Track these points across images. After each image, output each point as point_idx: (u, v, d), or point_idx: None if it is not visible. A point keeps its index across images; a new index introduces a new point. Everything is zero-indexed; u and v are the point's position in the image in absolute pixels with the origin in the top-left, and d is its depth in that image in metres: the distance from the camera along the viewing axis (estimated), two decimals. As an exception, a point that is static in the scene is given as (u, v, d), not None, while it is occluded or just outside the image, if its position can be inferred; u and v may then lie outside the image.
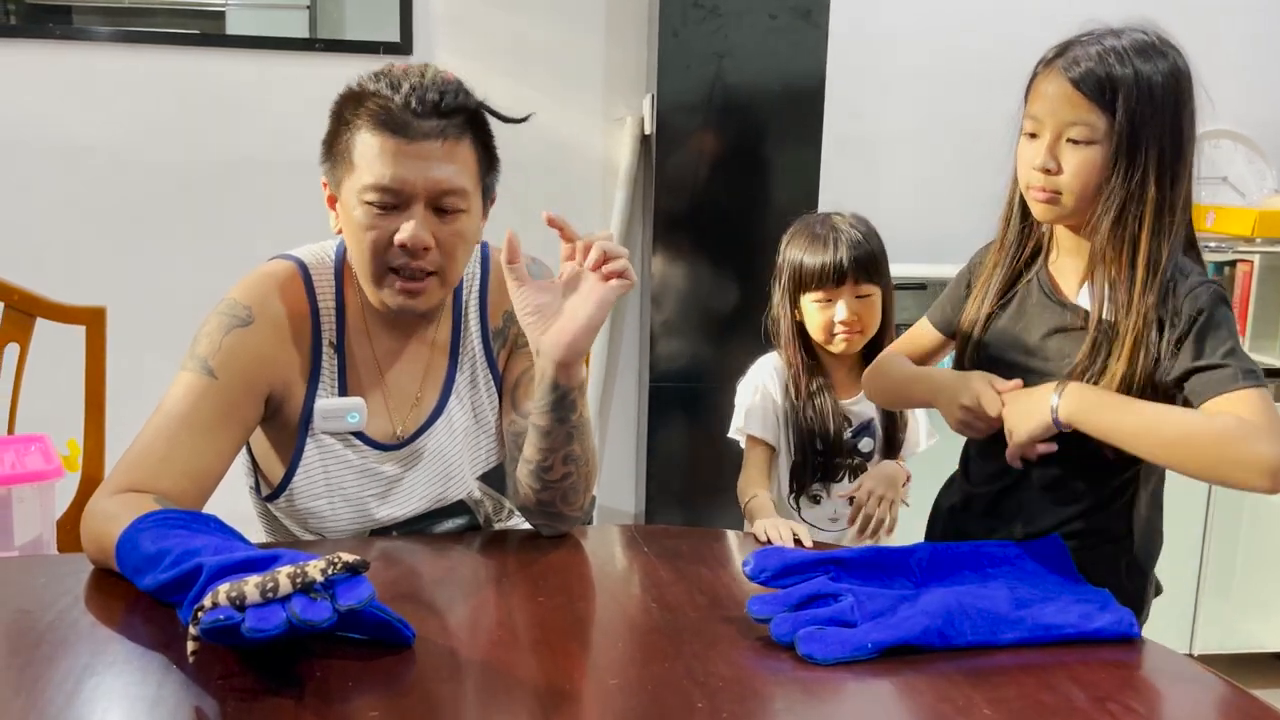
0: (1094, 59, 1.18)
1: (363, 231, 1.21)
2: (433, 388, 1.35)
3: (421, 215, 1.19)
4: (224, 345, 1.22)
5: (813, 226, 1.61)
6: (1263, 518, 2.44)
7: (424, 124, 1.18)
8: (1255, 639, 2.50)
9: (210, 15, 2.46)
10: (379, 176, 1.18)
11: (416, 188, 1.19)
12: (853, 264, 1.55)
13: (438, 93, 1.18)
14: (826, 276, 1.56)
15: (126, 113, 2.44)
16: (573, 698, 0.90)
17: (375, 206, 1.19)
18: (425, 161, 1.18)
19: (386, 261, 1.22)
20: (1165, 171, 1.19)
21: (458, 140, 1.20)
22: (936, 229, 2.63)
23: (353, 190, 1.21)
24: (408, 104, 1.17)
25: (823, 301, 1.58)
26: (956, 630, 1.00)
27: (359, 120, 1.20)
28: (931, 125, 2.67)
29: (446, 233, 1.21)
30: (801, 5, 2.30)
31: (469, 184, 1.22)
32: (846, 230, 1.58)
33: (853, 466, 1.63)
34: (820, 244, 1.57)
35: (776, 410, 1.62)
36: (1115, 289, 1.21)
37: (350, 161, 1.21)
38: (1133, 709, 0.90)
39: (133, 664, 0.93)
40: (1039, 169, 1.21)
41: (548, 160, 2.57)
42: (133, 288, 2.44)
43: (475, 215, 1.26)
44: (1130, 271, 1.20)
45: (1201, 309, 1.18)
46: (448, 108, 1.19)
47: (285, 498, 1.31)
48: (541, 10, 2.52)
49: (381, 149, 1.18)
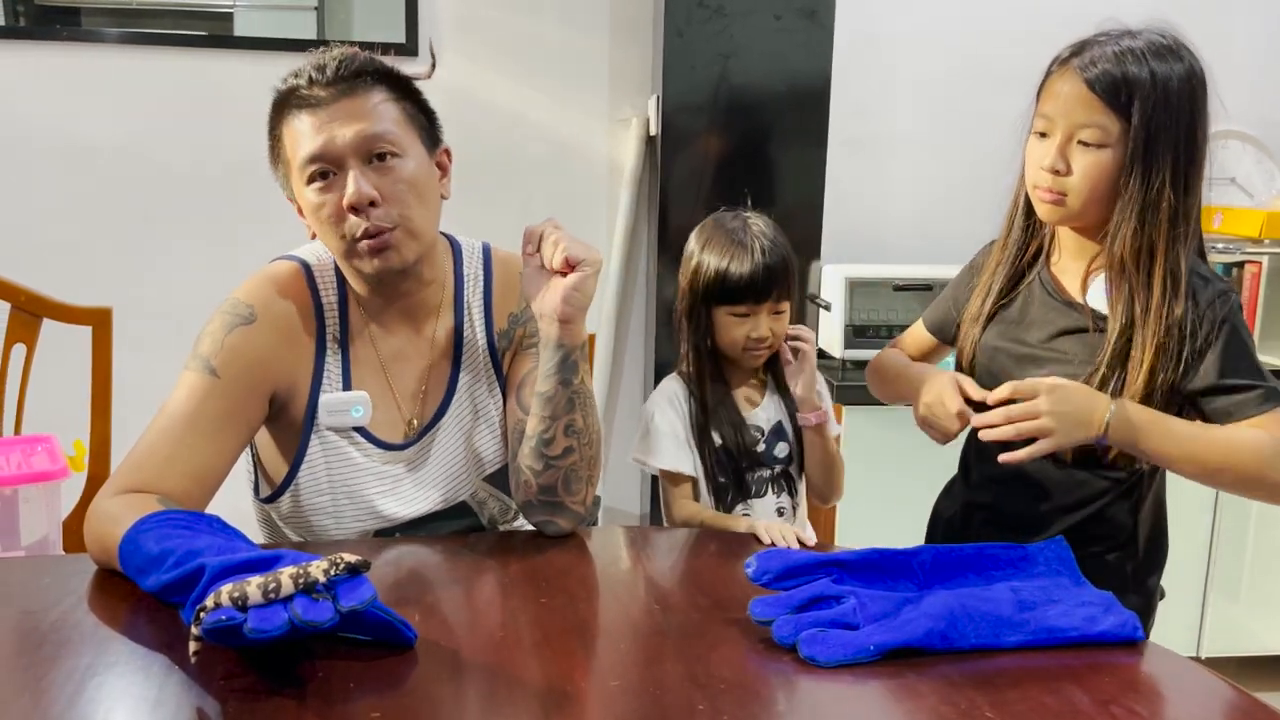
0: (1110, 60, 1.16)
1: (317, 211, 1.23)
2: (436, 387, 1.35)
3: (358, 170, 1.21)
4: (226, 344, 1.23)
5: (734, 233, 1.46)
6: (1270, 520, 2.43)
7: (330, 90, 1.22)
8: (1264, 642, 2.49)
9: (218, 17, 2.47)
10: (307, 151, 1.21)
11: (341, 147, 1.21)
12: (773, 280, 1.44)
13: (336, 61, 1.23)
14: (749, 292, 1.43)
15: (134, 114, 2.45)
16: (574, 699, 0.90)
17: (318, 181, 1.22)
18: (339, 121, 1.21)
19: (347, 232, 1.23)
20: (1180, 177, 1.18)
21: (367, 93, 1.23)
22: (942, 230, 2.62)
23: (297, 180, 1.24)
24: (311, 80, 1.22)
25: (740, 316, 1.45)
26: (959, 633, 1.00)
27: (281, 118, 1.25)
28: (937, 126, 2.66)
29: (388, 182, 1.22)
30: (807, 6, 2.29)
31: (394, 128, 1.23)
32: (768, 241, 1.45)
33: (774, 477, 1.52)
34: (745, 254, 1.44)
35: (687, 438, 1.49)
36: (1135, 297, 1.19)
37: (287, 158, 1.25)
38: (1136, 712, 0.90)
39: (135, 664, 0.93)
40: (1048, 169, 1.20)
41: (553, 161, 2.57)
42: (139, 289, 2.45)
43: (417, 159, 1.26)
44: (1148, 280, 1.18)
45: (1224, 319, 1.18)
46: (347, 70, 1.22)
47: (290, 495, 1.32)
48: (547, 11, 2.53)
49: (301, 130, 1.22)
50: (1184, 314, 1.18)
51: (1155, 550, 1.33)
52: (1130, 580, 1.30)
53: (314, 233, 1.29)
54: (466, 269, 1.38)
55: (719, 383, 1.51)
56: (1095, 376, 1.21)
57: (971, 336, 1.34)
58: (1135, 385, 1.18)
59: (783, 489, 1.53)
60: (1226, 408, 1.18)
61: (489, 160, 2.51)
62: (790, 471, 1.54)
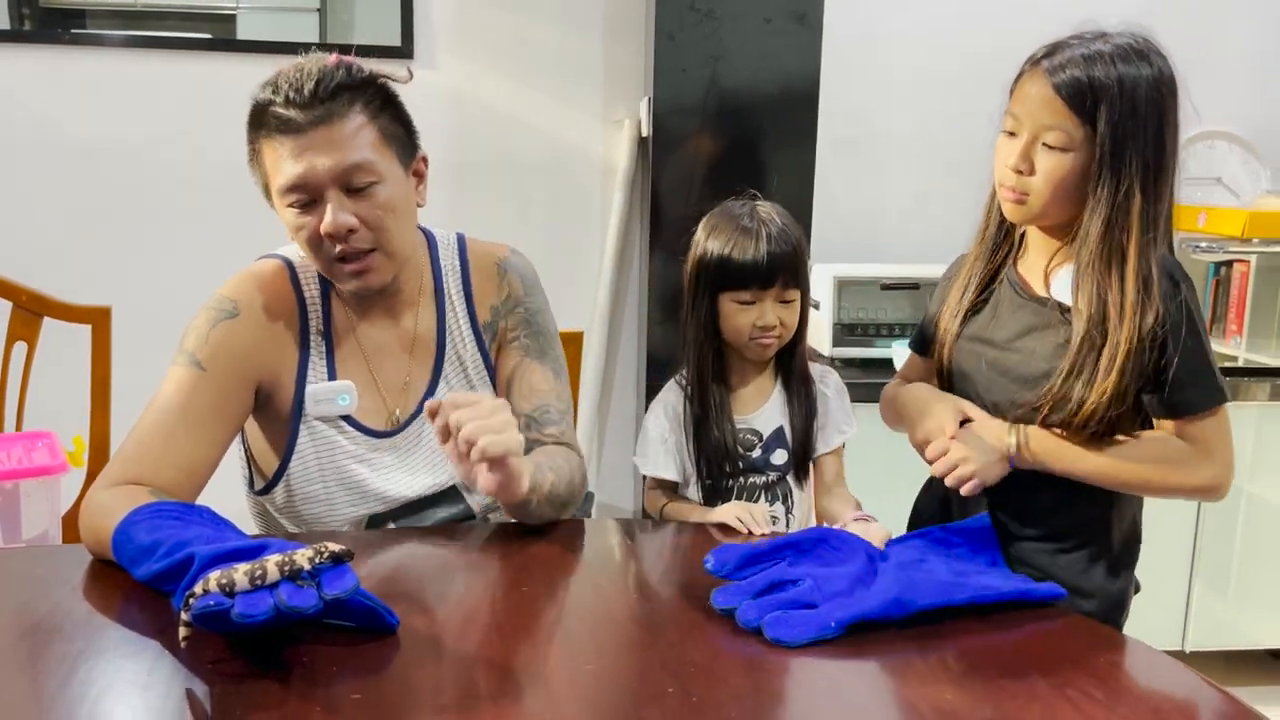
0: (1078, 65, 1.18)
1: (296, 232, 1.26)
2: (420, 376, 1.38)
3: (336, 199, 1.23)
4: (211, 338, 1.26)
5: (739, 219, 1.43)
6: (1256, 515, 2.45)
7: (308, 114, 1.21)
8: (1248, 636, 2.51)
9: (222, 19, 2.50)
10: (286, 179, 1.23)
11: (320, 178, 1.22)
12: (779, 265, 1.40)
13: (313, 81, 1.22)
14: (753, 278, 1.40)
15: (137, 117, 2.48)
16: (547, 682, 0.93)
17: (295, 207, 1.24)
18: (317, 150, 1.21)
19: (326, 253, 1.26)
20: (1150, 182, 1.19)
21: (345, 117, 1.23)
22: (929, 230, 2.66)
23: (276, 196, 1.26)
24: (289, 100, 1.22)
25: (745, 304, 1.43)
26: (912, 598, 1.05)
27: (259, 133, 1.25)
28: (925, 126, 2.69)
29: (366, 208, 1.24)
30: (796, 9, 2.32)
31: (373, 154, 1.24)
32: (775, 227, 1.42)
33: (768, 484, 1.48)
34: (750, 240, 1.41)
35: (678, 443, 1.48)
36: (1106, 299, 1.20)
37: (266, 173, 1.26)
38: (1091, 695, 0.93)
39: (126, 649, 0.97)
40: (1012, 168, 1.22)
41: (547, 162, 2.60)
42: (139, 289, 2.49)
43: (394, 182, 1.27)
44: (1120, 284, 1.20)
45: (1185, 318, 1.20)
46: (325, 92, 1.22)
47: (283, 486, 1.35)
48: (540, 14, 2.56)
49: (279, 153, 1.23)
50: (1155, 319, 1.20)
51: (1130, 543, 1.35)
52: (1105, 573, 1.32)
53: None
54: (443, 259, 1.41)
55: (719, 383, 1.47)
56: (1062, 377, 1.22)
57: (951, 332, 1.36)
58: (1105, 384, 1.20)
59: (777, 497, 1.49)
60: (1173, 402, 1.22)
61: (484, 161, 2.54)
62: (788, 480, 1.49)
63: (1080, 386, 1.21)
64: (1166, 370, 1.21)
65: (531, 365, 1.40)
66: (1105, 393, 1.20)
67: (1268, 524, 2.46)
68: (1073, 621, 1.11)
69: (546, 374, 1.41)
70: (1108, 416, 1.21)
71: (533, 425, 1.38)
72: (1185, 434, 1.23)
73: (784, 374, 1.51)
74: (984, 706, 0.90)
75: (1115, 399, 1.20)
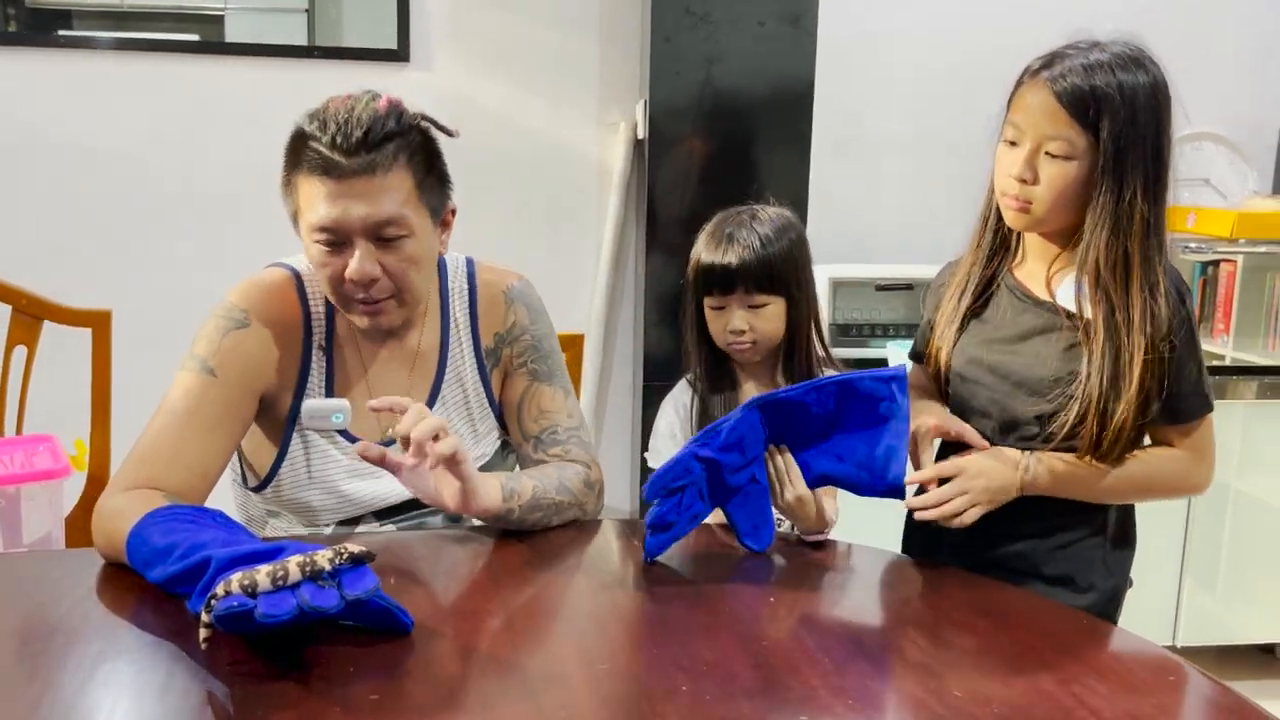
0: (1079, 74, 1.20)
1: (319, 268, 1.27)
2: (418, 394, 1.39)
3: (364, 249, 1.23)
4: (222, 346, 1.28)
5: (724, 224, 1.46)
6: (1245, 512, 2.49)
7: (352, 162, 1.21)
8: (1238, 631, 2.55)
9: (210, 19, 2.50)
10: (319, 219, 1.23)
11: (353, 226, 1.22)
12: (742, 272, 1.41)
13: (363, 129, 1.21)
14: (715, 281, 1.43)
15: (130, 119, 2.49)
16: (563, 681, 0.94)
17: (323, 245, 1.25)
18: (357, 199, 1.21)
19: (344, 293, 1.27)
20: (1150, 189, 1.22)
21: (388, 170, 1.22)
22: (923, 231, 2.68)
23: (304, 229, 1.27)
24: (334, 144, 1.21)
25: (717, 309, 1.45)
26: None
27: (299, 163, 1.24)
28: (920, 128, 2.72)
29: (392, 260, 1.25)
30: (790, 12, 2.34)
31: (408, 210, 1.24)
32: (746, 234, 1.43)
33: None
34: (718, 244, 1.43)
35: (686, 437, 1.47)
36: (1115, 309, 1.23)
37: (298, 202, 1.26)
38: (1096, 689, 0.95)
39: (144, 652, 0.98)
40: (1015, 178, 1.24)
41: (543, 164, 2.62)
42: (137, 292, 2.49)
43: (423, 236, 1.28)
44: (1126, 292, 1.22)
45: (1182, 333, 1.24)
46: (374, 141, 1.21)
47: (272, 488, 1.37)
48: (537, 17, 2.57)
49: (315, 192, 1.22)
50: (1167, 330, 1.22)
51: (1124, 538, 1.38)
52: (1100, 568, 1.35)
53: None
54: (451, 283, 1.43)
55: (724, 379, 1.50)
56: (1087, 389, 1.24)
57: (948, 339, 1.38)
58: (1129, 394, 1.22)
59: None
60: (1173, 408, 1.27)
61: (480, 163, 2.55)
62: None
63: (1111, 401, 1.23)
64: (1172, 378, 1.24)
65: (540, 388, 1.42)
66: (1131, 403, 1.22)
67: (1256, 520, 2.49)
68: (1074, 618, 1.14)
69: (556, 394, 1.43)
70: (1137, 425, 1.25)
71: (539, 447, 1.40)
72: (1182, 439, 1.29)
73: (786, 377, 1.52)
74: (992, 703, 0.92)
75: (1141, 408, 1.23)
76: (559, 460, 1.39)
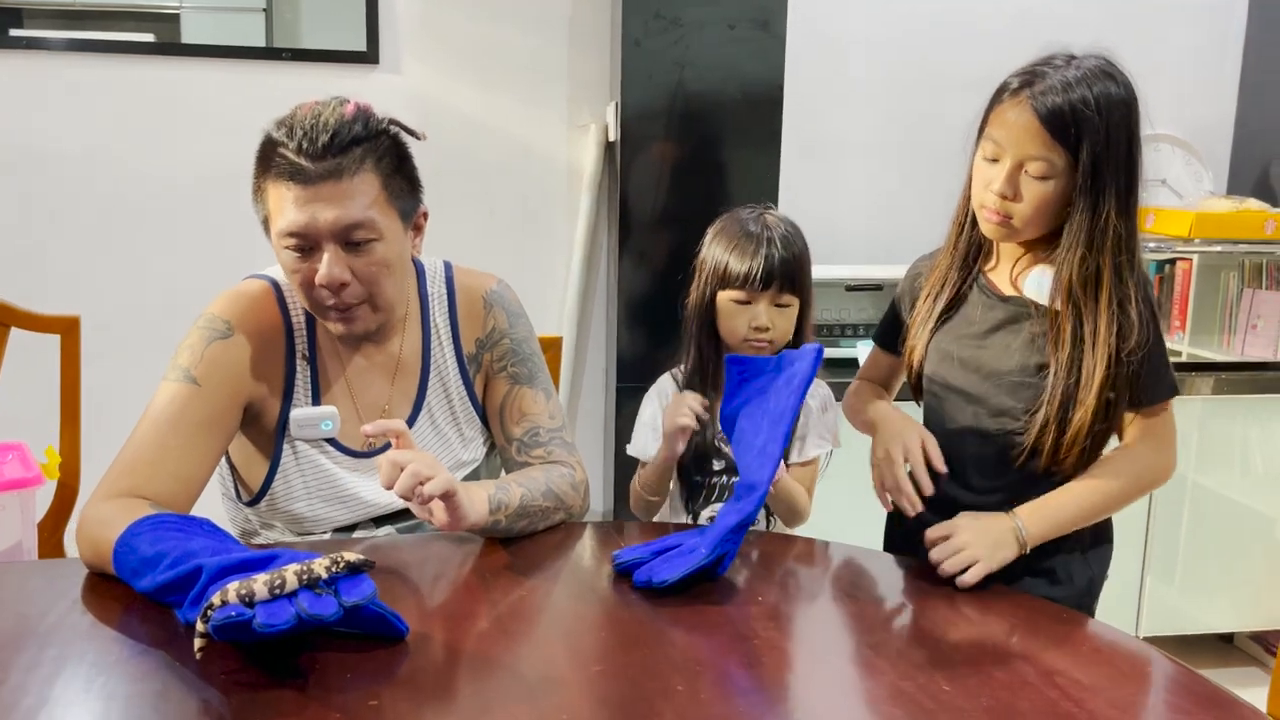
0: (1058, 92, 1.22)
1: (290, 273, 1.27)
2: (402, 401, 1.39)
3: (333, 253, 1.23)
4: (206, 356, 1.27)
5: (745, 223, 1.50)
6: (1202, 504, 2.55)
7: (318, 166, 1.21)
8: (1198, 621, 2.61)
9: (165, 18, 2.47)
10: (288, 224, 1.23)
11: (321, 230, 1.22)
12: (779, 269, 1.45)
13: (329, 134, 1.21)
14: (751, 280, 1.45)
15: (91, 122, 2.45)
16: (559, 683, 0.95)
17: (292, 250, 1.25)
18: (324, 204, 1.21)
19: (316, 299, 1.27)
20: (1124, 204, 1.26)
21: (354, 174, 1.22)
22: (891, 231, 2.72)
23: (274, 235, 1.26)
24: (301, 149, 1.21)
25: (741, 303, 1.48)
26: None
27: (268, 169, 1.24)
28: (887, 131, 2.75)
29: (362, 264, 1.25)
30: (760, 15, 2.37)
31: (375, 214, 1.24)
32: (779, 234, 1.48)
33: None
34: (751, 244, 1.46)
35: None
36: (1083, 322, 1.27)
37: (268, 209, 1.26)
38: (1078, 681, 0.98)
39: (138, 662, 0.97)
40: (997, 193, 1.27)
41: (514, 166, 2.62)
42: (105, 297, 2.46)
43: (393, 239, 1.27)
44: (1095, 305, 1.26)
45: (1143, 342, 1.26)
46: (340, 145, 1.22)
47: (266, 501, 1.36)
48: (507, 20, 2.57)
49: (284, 198, 1.23)
50: (1135, 344, 1.26)
51: (1102, 533, 1.42)
52: (1078, 561, 1.38)
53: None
54: (430, 289, 1.43)
55: (717, 378, 1.50)
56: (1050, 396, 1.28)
57: (921, 339, 1.41)
58: (1087, 403, 1.27)
59: None
60: (1138, 398, 1.31)
61: (451, 166, 2.54)
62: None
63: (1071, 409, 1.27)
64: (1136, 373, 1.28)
65: (522, 391, 1.43)
66: (1088, 411, 1.26)
67: (1213, 513, 2.56)
68: (1053, 611, 1.17)
69: (537, 397, 1.43)
70: (1094, 431, 1.28)
71: (522, 449, 1.41)
72: (1145, 424, 1.33)
73: None
74: (980, 696, 0.94)
75: (1098, 414, 1.27)
76: (542, 461, 1.40)
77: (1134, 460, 1.33)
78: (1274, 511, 2.58)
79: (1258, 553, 2.59)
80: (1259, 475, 2.57)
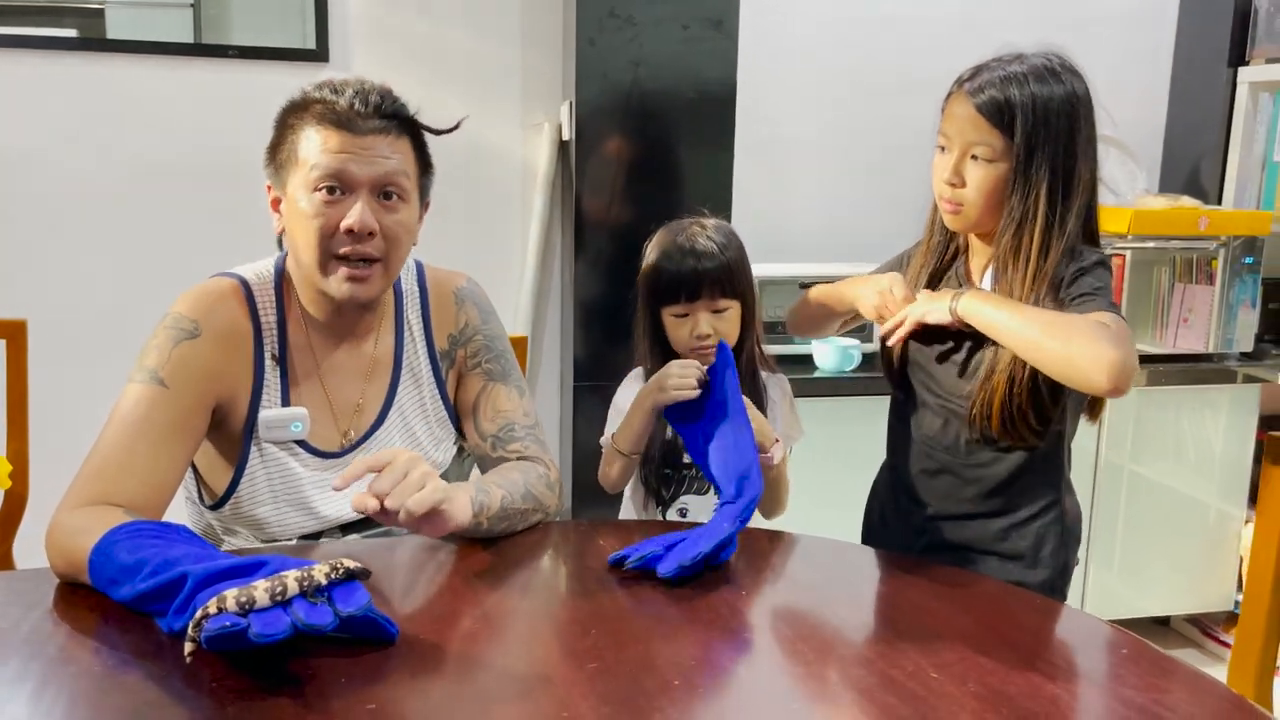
0: (996, 85, 1.30)
1: (310, 220, 1.26)
2: (375, 398, 1.38)
3: (368, 200, 1.26)
4: (173, 357, 1.24)
5: (674, 236, 1.52)
6: (1139, 492, 2.65)
7: (368, 122, 1.26)
8: (1136, 605, 2.71)
9: (89, 14, 2.39)
10: (327, 167, 1.25)
11: (362, 177, 1.26)
12: (708, 278, 1.47)
13: (379, 95, 1.28)
14: (682, 289, 1.48)
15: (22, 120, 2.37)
16: (555, 681, 0.95)
17: (324, 193, 1.25)
18: (370, 153, 1.26)
19: (332, 249, 1.27)
20: (1058, 189, 1.31)
21: (398, 137, 1.29)
22: (844, 229, 2.76)
23: (301, 184, 1.26)
24: (352, 105, 1.26)
25: (680, 315, 1.50)
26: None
27: (304, 122, 1.27)
28: (837, 131, 2.79)
29: (390, 220, 1.28)
30: (713, 15, 2.38)
31: (410, 178, 1.31)
32: (704, 242, 1.49)
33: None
34: (680, 254, 1.49)
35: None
36: (1011, 292, 1.33)
37: (297, 159, 1.27)
38: (1058, 665, 1.01)
39: (121, 674, 0.94)
40: (945, 182, 1.35)
41: (467, 165, 2.60)
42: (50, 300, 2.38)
43: (413, 209, 1.33)
44: (1021, 282, 1.33)
45: (1081, 268, 1.31)
46: (389, 109, 1.29)
47: (231, 505, 1.33)
48: (457, 18, 2.55)
49: (327, 142, 1.25)
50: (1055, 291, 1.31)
51: (1075, 518, 1.47)
52: (1052, 544, 1.43)
53: (281, 230, 1.32)
54: (404, 285, 1.43)
55: None
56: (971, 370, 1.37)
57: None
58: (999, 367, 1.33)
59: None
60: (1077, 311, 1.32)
61: (401, 164, 2.51)
62: None
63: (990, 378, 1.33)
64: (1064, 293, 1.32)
65: (496, 387, 1.43)
66: (1002, 376, 1.32)
67: (1149, 501, 2.66)
68: (1028, 599, 1.20)
69: (511, 393, 1.43)
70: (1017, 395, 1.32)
71: (497, 445, 1.41)
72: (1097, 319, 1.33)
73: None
74: (968, 682, 0.97)
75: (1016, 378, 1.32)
76: (518, 457, 1.39)
77: (1080, 319, 1.27)
78: (1208, 498, 2.69)
79: (1193, 538, 2.69)
80: (1192, 463, 2.67)
